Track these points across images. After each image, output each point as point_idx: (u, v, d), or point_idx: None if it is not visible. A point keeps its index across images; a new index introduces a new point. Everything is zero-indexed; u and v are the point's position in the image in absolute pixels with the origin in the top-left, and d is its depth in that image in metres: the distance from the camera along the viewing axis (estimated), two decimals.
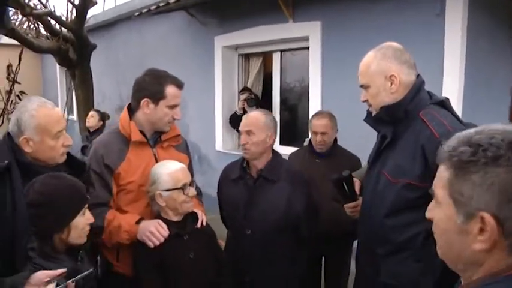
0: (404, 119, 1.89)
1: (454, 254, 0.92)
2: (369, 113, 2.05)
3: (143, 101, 2.25)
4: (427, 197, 1.74)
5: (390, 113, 1.91)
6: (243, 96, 5.22)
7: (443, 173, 0.91)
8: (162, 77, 2.28)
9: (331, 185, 2.19)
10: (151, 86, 2.25)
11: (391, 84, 1.89)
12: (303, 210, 2.47)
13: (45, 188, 1.68)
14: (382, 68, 1.90)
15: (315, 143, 3.26)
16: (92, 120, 5.86)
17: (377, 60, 1.91)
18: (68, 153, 2.08)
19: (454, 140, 0.91)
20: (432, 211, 0.98)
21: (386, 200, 1.89)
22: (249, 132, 2.43)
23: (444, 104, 1.91)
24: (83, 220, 1.77)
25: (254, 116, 2.51)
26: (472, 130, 0.89)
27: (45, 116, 1.92)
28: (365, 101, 2.00)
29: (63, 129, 2.00)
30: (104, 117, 5.94)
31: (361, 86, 2.00)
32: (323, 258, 3.43)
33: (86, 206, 1.78)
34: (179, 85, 2.30)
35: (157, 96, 2.24)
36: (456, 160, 0.88)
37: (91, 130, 5.83)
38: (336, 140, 3.34)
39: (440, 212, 0.93)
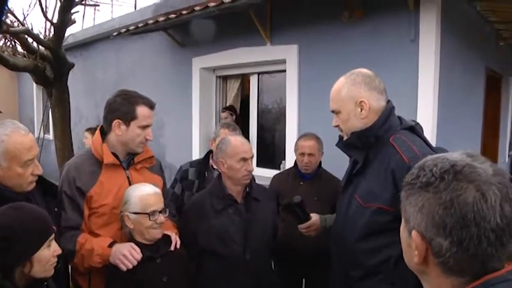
0: (375, 144, 1.91)
1: (408, 262, 1.01)
2: (340, 138, 2.07)
3: (114, 122, 2.24)
4: (398, 221, 1.79)
5: (361, 139, 1.94)
6: (223, 115, 5.26)
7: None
8: (133, 98, 2.27)
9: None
10: (122, 106, 2.24)
11: (361, 110, 1.92)
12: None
13: (3, 220, 1.55)
14: (352, 94, 1.93)
15: (300, 164, 3.27)
16: (87, 141, 5.65)
17: (347, 86, 1.95)
18: (41, 177, 2.04)
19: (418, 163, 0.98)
20: None
21: (358, 224, 1.91)
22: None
23: (414, 129, 1.95)
24: (49, 252, 1.63)
25: None
26: (434, 156, 0.95)
27: (16, 142, 1.85)
28: (336, 126, 2.03)
29: (34, 158, 1.93)
30: None
31: (332, 112, 2.03)
32: (304, 280, 3.41)
33: (52, 237, 1.65)
34: (150, 105, 2.30)
35: (128, 117, 2.23)
36: (404, 182, 0.97)
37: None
38: (320, 163, 3.36)
39: (401, 227, 1.02)
